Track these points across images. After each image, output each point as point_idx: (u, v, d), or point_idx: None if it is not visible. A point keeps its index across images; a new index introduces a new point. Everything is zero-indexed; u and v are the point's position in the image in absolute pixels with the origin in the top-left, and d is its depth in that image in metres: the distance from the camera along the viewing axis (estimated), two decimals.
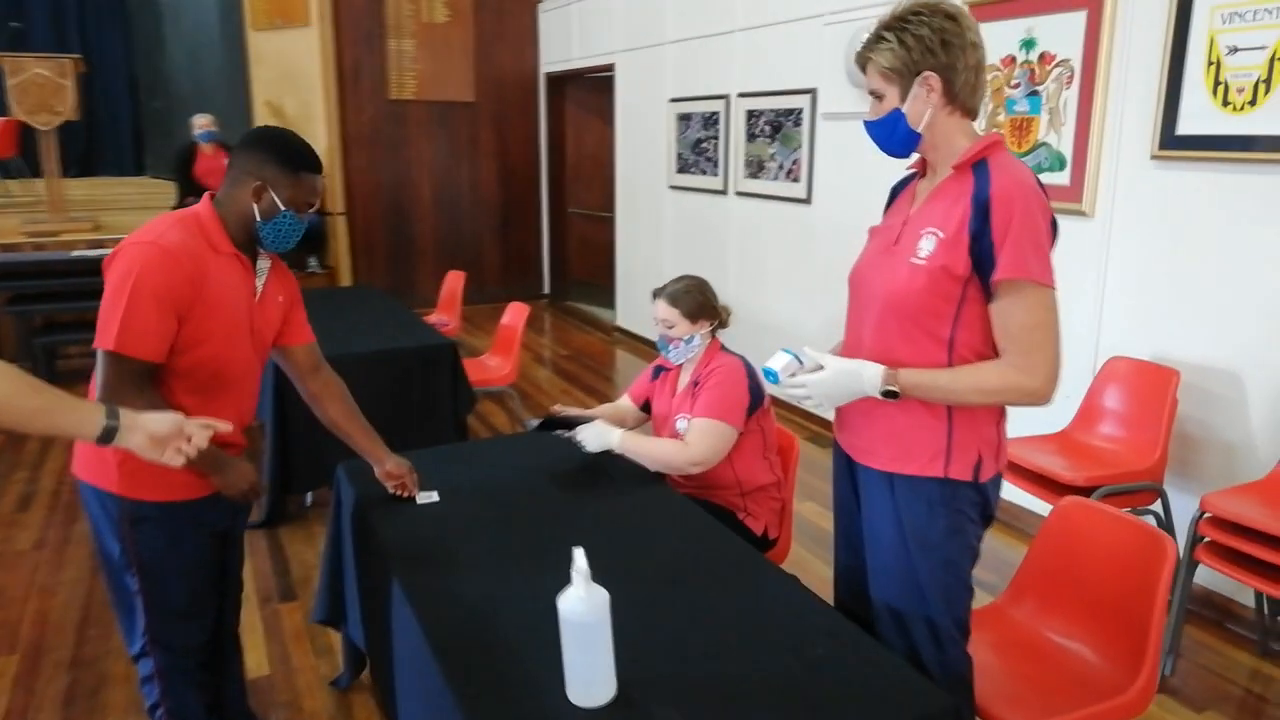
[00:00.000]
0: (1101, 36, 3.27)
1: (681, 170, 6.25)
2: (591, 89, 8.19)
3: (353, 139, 7.96)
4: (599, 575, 1.47)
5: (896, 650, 1.80)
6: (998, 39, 3.63)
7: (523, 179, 8.75)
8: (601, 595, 1.47)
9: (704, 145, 5.94)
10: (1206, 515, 2.61)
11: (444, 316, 5.62)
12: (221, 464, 1.93)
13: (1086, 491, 2.89)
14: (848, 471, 1.95)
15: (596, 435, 2.45)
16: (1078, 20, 3.37)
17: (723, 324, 2.61)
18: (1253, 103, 2.82)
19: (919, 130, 1.70)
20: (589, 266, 8.69)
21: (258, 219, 1.89)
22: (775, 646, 1.61)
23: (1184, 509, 3.05)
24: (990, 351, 1.70)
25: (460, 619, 1.72)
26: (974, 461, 1.75)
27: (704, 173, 5.98)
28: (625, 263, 7.37)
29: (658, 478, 2.44)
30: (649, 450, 2.44)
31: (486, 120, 8.45)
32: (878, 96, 1.73)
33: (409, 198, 8.29)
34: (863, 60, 1.73)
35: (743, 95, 5.48)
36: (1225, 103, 2.90)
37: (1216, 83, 2.92)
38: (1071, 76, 3.42)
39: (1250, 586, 2.58)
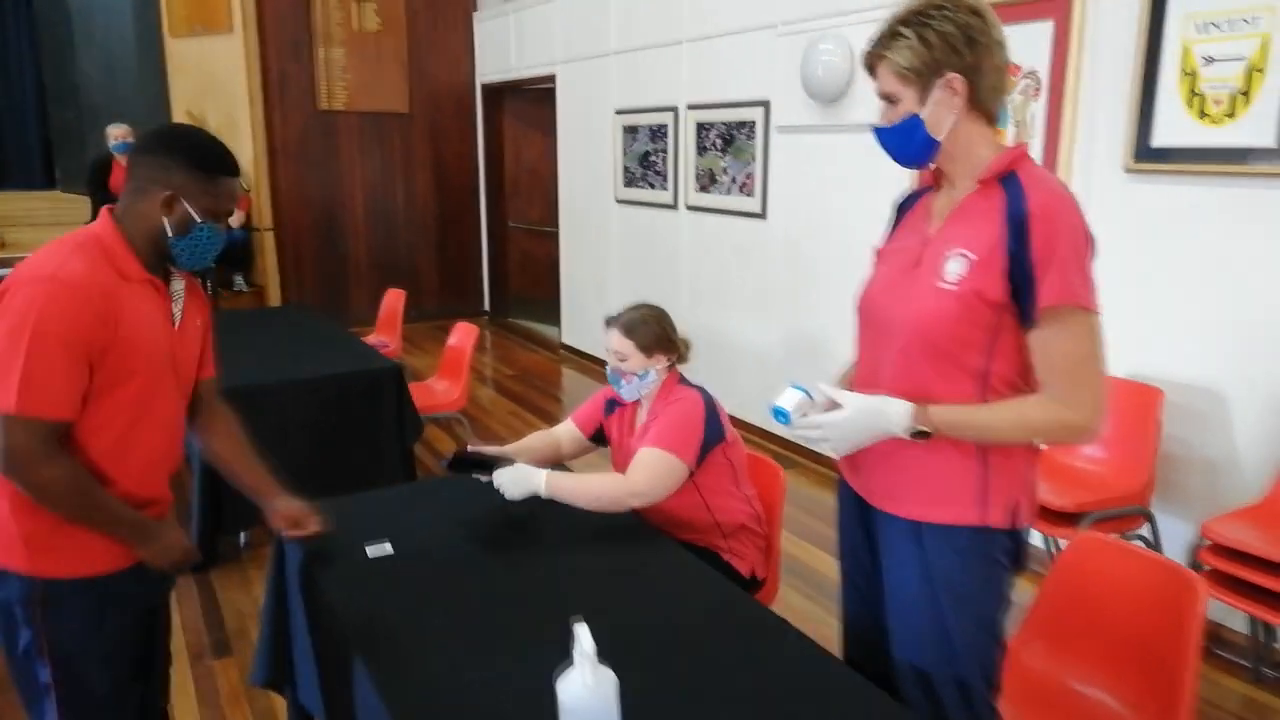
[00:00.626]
0: (1070, 47, 3.20)
1: (629, 184, 6.08)
2: (531, 100, 7.97)
3: (280, 151, 7.61)
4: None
5: (921, 713, 1.64)
6: None
7: (460, 192, 8.49)
8: (609, 679, 1.27)
9: (652, 158, 5.78)
10: (1207, 543, 2.52)
11: (383, 337, 5.34)
12: (148, 532, 1.69)
13: (1074, 518, 2.80)
14: (859, 517, 1.78)
15: (517, 480, 2.11)
16: (1044, 30, 3.30)
17: (681, 359, 2.37)
18: (1230, 114, 2.76)
19: (938, 138, 1.53)
20: (531, 282, 8.46)
21: (170, 234, 1.62)
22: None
23: (1171, 533, 2.97)
24: (1024, 383, 1.55)
25: (435, 708, 1.49)
26: (1011, 506, 1.59)
27: (652, 186, 5.82)
28: (570, 279, 7.16)
29: (637, 517, 2.24)
30: (582, 488, 2.15)
31: (421, 132, 8.17)
32: (891, 100, 1.55)
33: (341, 212, 7.96)
34: (873, 60, 1.56)
35: (692, 107, 5.33)
36: (1202, 114, 2.84)
37: (1192, 94, 2.86)
38: (1039, 88, 3.34)
39: (1253, 615, 2.49)
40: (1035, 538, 3.32)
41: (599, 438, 2.50)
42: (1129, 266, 3.11)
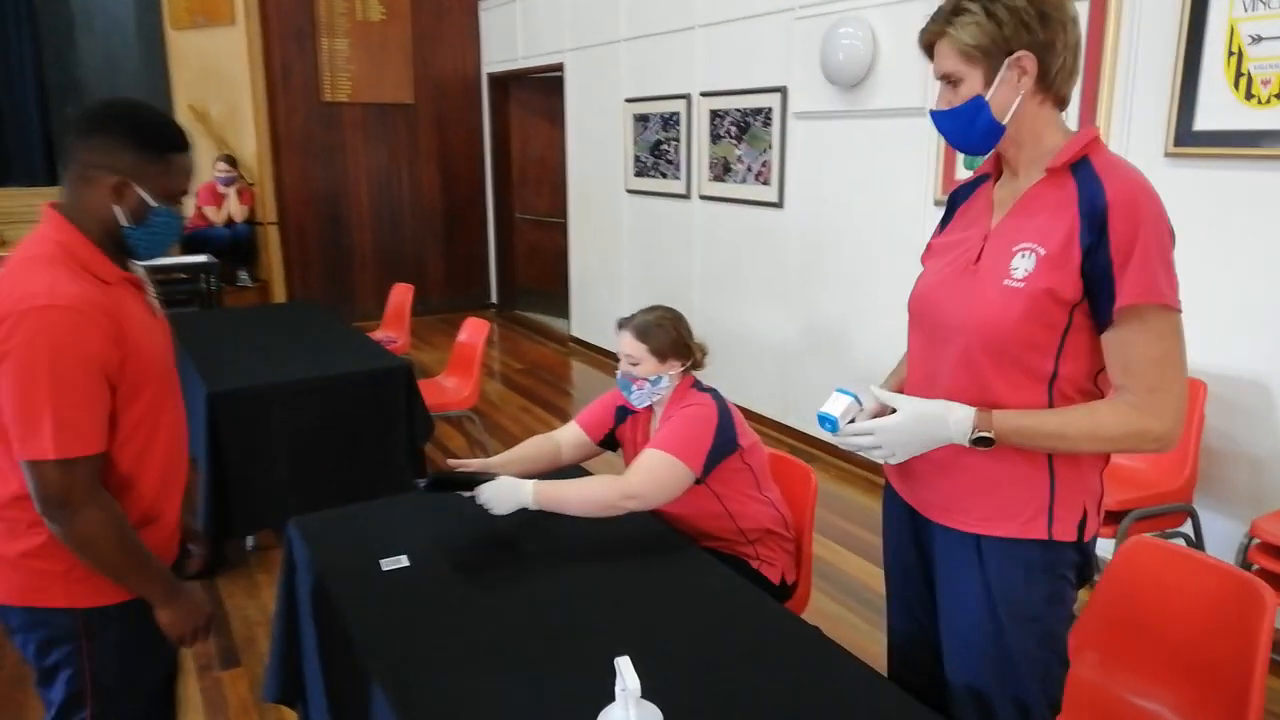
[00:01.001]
0: (1107, 27, 3.07)
1: (640, 173, 5.95)
2: (538, 89, 7.84)
3: (284, 143, 7.49)
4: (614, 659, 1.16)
5: None
6: None
7: (466, 184, 8.36)
8: (654, 716, 1.16)
9: (664, 147, 5.65)
10: (1255, 541, 2.40)
11: (391, 333, 5.24)
12: (176, 588, 1.60)
13: (1118, 516, 2.69)
14: (911, 530, 1.66)
15: (503, 493, 1.96)
16: (1080, 8, 3.16)
17: (696, 365, 2.24)
18: (1279, 96, 2.64)
19: (1003, 122, 1.41)
20: (538, 274, 8.34)
21: (124, 224, 1.50)
22: None
23: (1214, 530, 2.86)
24: (1094, 388, 1.44)
25: None
26: (1079, 519, 1.48)
27: (664, 176, 5.69)
28: (580, 270, 7.04)
29: (659, 522, 2.13)
30: (573, 494, 2.00)
31: (427, 123, 8.05)
32: (952, 82, 1.42)
33: (346, 205, 7.84)
34: (933, 37, 1.42)
35: (705, 94, 5.20)
36: (1249, 95, 2.71)
37: (1238, 75, 2.73)
38: None
39: None
40: (1104, 546, 3.22)
41: (608, 443, 2.37)
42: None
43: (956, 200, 1.65)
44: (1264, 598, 1.67)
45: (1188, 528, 2.80)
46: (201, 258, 6.32)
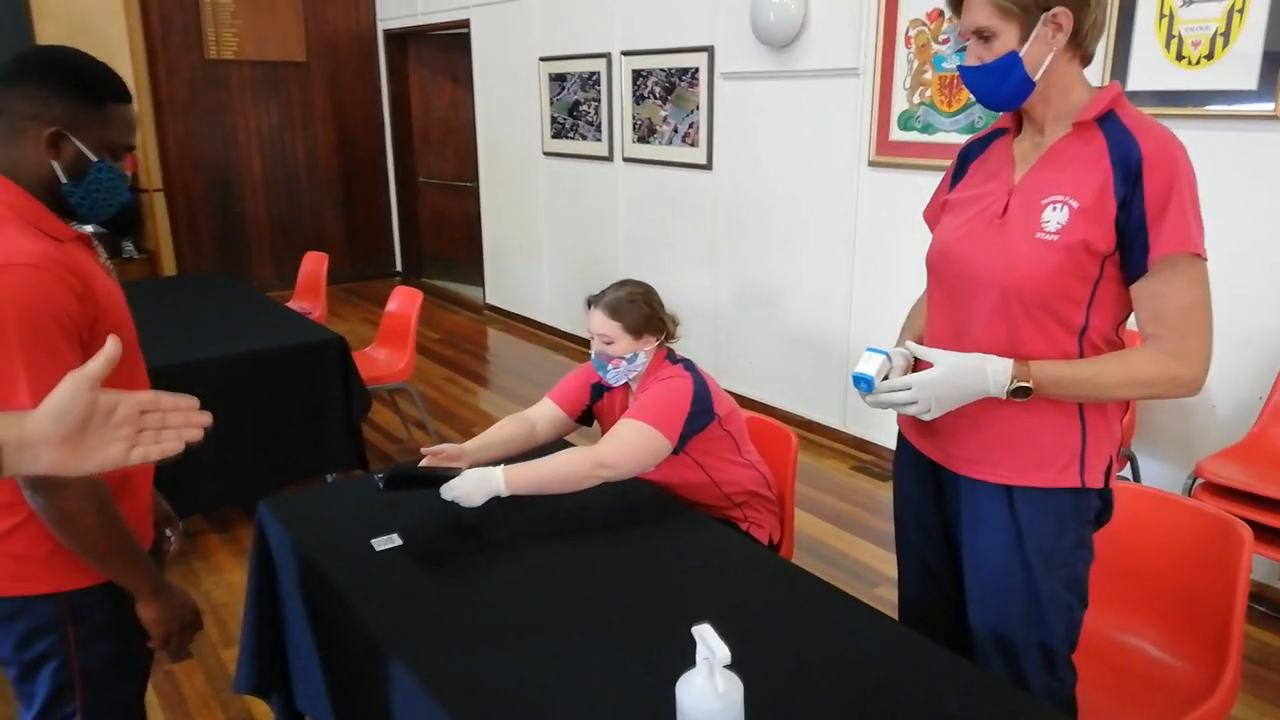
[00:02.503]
0: None
1: (557, 135, 5.83)
2: (439, 47, 7.56)
3: (166, 105, 7.01)
4: (641, 628, 1.13)
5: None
6: None
7: (365, 147, 8.03)
8: (736, 688, 1.15)
9: (583, 108, 5.54)
10: (1199, 482, 2.55)
11: (305, 304, 5.00)
12: (159, 582, 1.48)
13: None
14: (932, 484, 1.69)
15: (473, 485, 1.87)
16: None
17: (670, 337, 2.22)
18: (1209, 56, 2.77)
19: (1035, 79, 1.42)
20: (445, 241, 8.11)
21: (63, 180, 1.38)
22: (907, 713, 1.34)
23: (1149, 473, 3.03)
24: (1117, 338, 1.48)
25: (499, 707, 1.34)
26: (1107, 465, 1.53)
27: (584, 137, 5.59)
28: (494, 237, 6.87)
29: (649, 487, 2.11)
30: (547, 473, 1.94)
31: (320, 83, 7.67)
32: (984, 37, 1.42)
33: (237, 170, 7.42)
34: None
35: (627, 54, 5.12)
36: (1179, 57, 2.84)
37: (1169, 36, 2.85)
38: None
39: (1260, 554, 2.55)
40: None
41: (586, 418, 2.34)
42: None
43: (969, 156, 1.66)
44: (1242, 536, 1.78)
45: (1127, 472, 2.96)
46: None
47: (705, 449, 2.16)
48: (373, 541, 1.87)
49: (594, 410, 2.32)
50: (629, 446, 2.00)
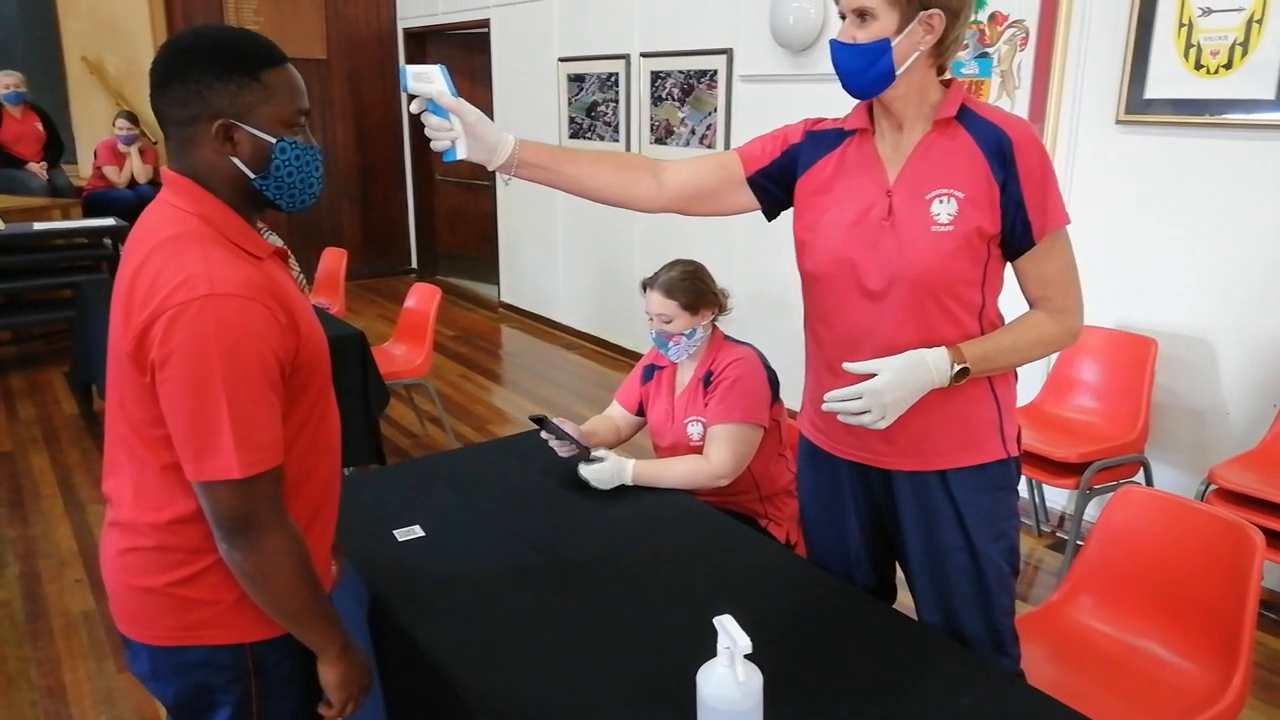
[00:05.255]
0: None
1: (575, 135, 5.87)
2: (457, 46, 7.61)
3: None
4: (661, 619, 1.16)
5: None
6: None
7: (383, 145, 8.09)
8: (755, 677, 1.18)
9: (601, 109, 5.58)
10: (1212, 488, 2.57)
11: (324, 299, 5.05)
12: (347, 641, 1.37)
13: (1079, 468, 2.83)
14: (861, 486, 1.72)
15: (610, 472, 2.06)
16: None
17: (723, 310, 2.32)
18: (1228, 66, 2.78)
19: (897, 72, 1.46)
20: (461, 239, 8.16)
21: (251, 175, 1.25)
22: (921, 705, 1.37)
23: (1161, 480, 3.04)
24: (999, 311, 1.62)
25: (521, 702, 1.37)
26: (1016, 432, 1.66)
27: (601, 138, 5.63)
28: (509, 235, 6.92)
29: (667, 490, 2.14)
30: (667, 474, 2.12)
31: (340, 80, 7.73)
32: (863, 16, 1.44)
33: None
34: None
35: (646, 55, 5.15)
36: (1198, 66, 2.85)
37: (1188, 45, 2.86)
38: (1026, 38, 3.31)
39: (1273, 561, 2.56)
40: (1052, 495, 3.37)
41: (643, 411, 2.41)
42: (1121, 218, 3.13)
43: (819, 148, 1.64)
44: (1255, 542, 1.80)
45: (1140, 479, 2.98)
46: (106, 221, 5.93)
47: None
48: (395, 532, 1.91)
49: (641, 393, 2.39)
50: (733, 452, 2.13)
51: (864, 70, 1.47)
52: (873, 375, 1.48)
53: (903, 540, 1.69)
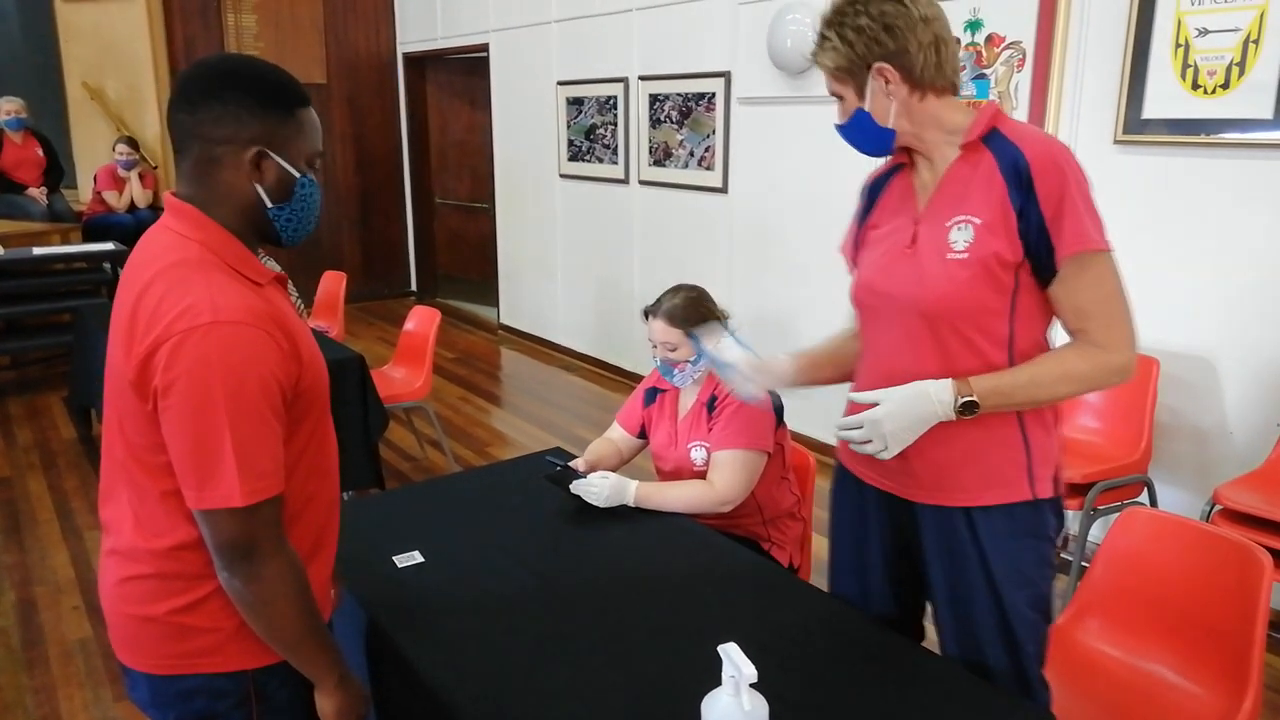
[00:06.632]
0: (1057, 18, 3.19)
1: (574, 158, 5.89)
2: (457, 71, 7.66)
3: None
4: (664, 646, 1.15)
5: None
6: None
7: (383, 168, 8.12)
8: (761, 706, 1.16)
9: (600, 131, 5.60)
10: (1217, 508, 2.55)
11: (323, 322, 5.05)
12: (345, 670, 1.36)
13: (1083, 489, 2.82)
14: (887, 515, 1.70)
15: (611, 490, 2.05)
16: (1029, 1, 3.28)
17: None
18: (1225, 86, 2.79)
19: (889, 126, 1.50)
20: (461, 262, 8.17)
21: (269, 205, 1.27)
22: None
23: (1164, 500, 3.03)
24: (1047, 345, 1.54)
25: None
26: (1053, 473, 1.57)
27: (601, 160, 5.64)
28: (509, 257, 6.93)
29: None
30: (670, 498, 2.10)
31: (339, 104, 7.77)
32: (838, 98, 1.53)
33: None
34: (815, 63, 1.55)
35: (645, 78, 5.18)
36: (1195, 85, 2.86)
37: (1185, 65, 2.88)
38: (1024, 59, 3.33)
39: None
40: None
41: (645, 434, 2.40)
42: (1120, 238, 3.09)
43: (875, 190, 1.70)
44: (1261, 562, 1.78)
45: (1144, 498, 2.96)
46: (105, 246, 5.94)
47: None
48: (394, 558, 1.89)
49: (643, 416, 2.37)
50: (738, 477, 2.12)
51: (863, 141, 1.55)
52: (875, 405, 1.49)
53: (927, 573, 1.67)
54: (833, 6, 1.50)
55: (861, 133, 1.53)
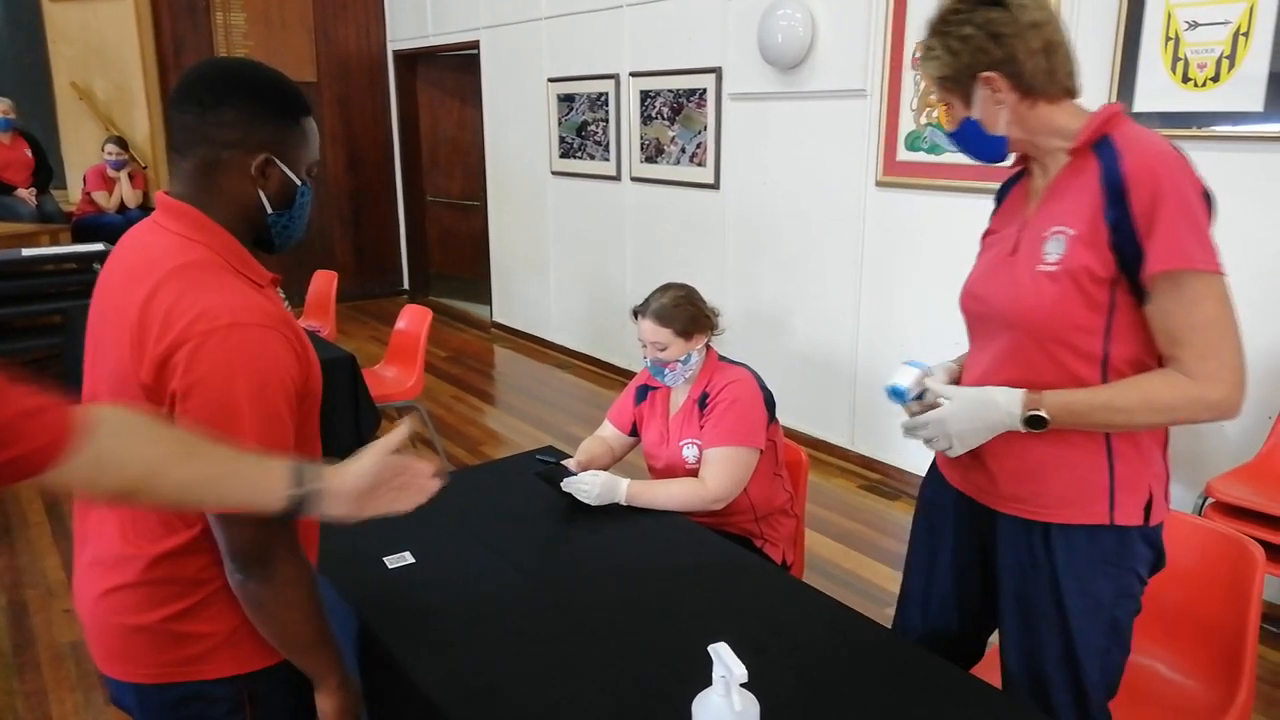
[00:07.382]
0: None
1: (565, 155, 5.87)
2: (448, 68, 7.63)
3: None
4: (656, 646, 1.14)
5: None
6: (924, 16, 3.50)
7: (374, 166, 8.10)
8: (752, 706, 1.15)
9: (591, 128, 5.59)
10: (1210, 501, 2.55)
11: (314, 322, 5.03)
12: (345, 674, 1.35)
13: None
14: (969, 519, 1.66)
15: (602, 487, 2.04)
16: None
17: (715, 330, 2.30)
18: (1215, 79, 2.79)
19: (999, 134, 1.47)
20: (452, 259, 8.15)
21: (269, 211, 1.27)
22: None
23: None
24: (1154, 364, 1.44)
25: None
26: (1144, 501, 1.47)
27: (592, 157, 5.63)
28: (501, 255, 6.91)
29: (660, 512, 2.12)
30: (662, 496, 2.09)
31: (330, 102, 7.74)
32: (945, 105, 1.51)
33: None
34: (920, 73, 1.54)
35: (636, 75, 5.16)
36: (1185, 79, 2.86)
37: (1175, 58, 2.87)
38: None
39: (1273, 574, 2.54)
40: None
41: (636, 431, 2.39)
42: None
43: (1001, 195, 1.67)
44: (1255, 556, 1.78)
45: None
46: (95, 246, 5.90)
47: None
48: (385, 559, 1.88)
49: (635, 414, 2.36)
50: (729, 475, 2.11)
51: (972, 146, 1.52)
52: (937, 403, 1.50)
53: (998, 586, 1.63)
54: (937, 14, 1.47)
55: (971, 141, 1.50)
